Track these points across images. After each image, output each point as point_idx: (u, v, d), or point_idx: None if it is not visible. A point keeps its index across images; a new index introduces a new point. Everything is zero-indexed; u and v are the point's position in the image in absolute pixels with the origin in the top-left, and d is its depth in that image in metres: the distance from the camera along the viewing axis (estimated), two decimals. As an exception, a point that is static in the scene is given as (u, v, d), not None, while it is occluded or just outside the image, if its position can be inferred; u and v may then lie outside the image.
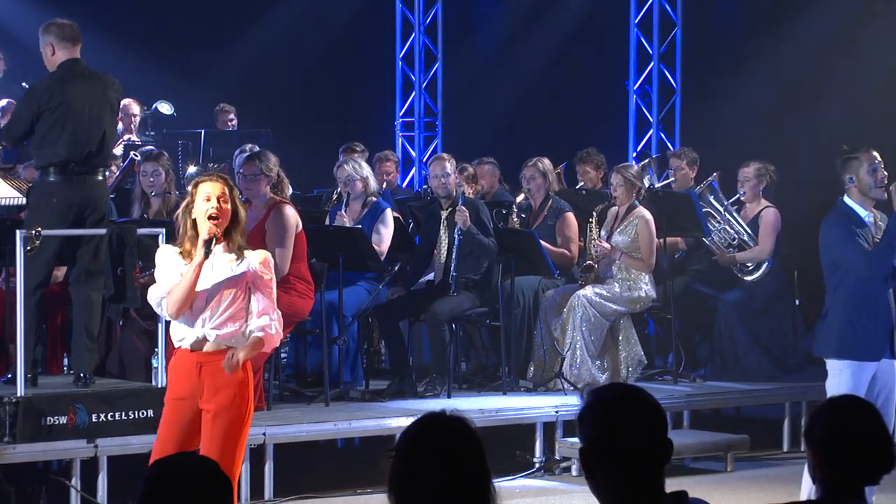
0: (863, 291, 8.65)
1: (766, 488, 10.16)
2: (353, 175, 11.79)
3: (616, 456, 4.01)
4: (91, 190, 9.72)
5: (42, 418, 9.28)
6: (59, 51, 9.73)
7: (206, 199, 7.26)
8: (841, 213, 8.66)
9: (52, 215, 9.54)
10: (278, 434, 10.13)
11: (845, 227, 8.57)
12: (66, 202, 9.59)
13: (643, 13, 15.39)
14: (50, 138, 9.59)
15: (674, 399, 11.62)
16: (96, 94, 9.72)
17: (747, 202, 12.77)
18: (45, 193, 9.65)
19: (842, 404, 4.69)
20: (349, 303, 11.46)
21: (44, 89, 9.75)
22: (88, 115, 9.64)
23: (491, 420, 10.82)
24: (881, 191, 8.58)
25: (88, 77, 9.76)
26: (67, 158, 9.58)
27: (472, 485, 3.93)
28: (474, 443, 3.98)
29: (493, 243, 11.59)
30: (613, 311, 11.87)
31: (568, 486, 10.58)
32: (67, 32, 9.77)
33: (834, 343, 8.67)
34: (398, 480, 3.94)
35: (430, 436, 3.99)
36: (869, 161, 8.57)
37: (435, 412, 4.05)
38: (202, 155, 15.38)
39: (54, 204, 9.57)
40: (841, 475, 4.42)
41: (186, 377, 7.30)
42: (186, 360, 7.33)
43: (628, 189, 12.02)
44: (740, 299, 12.59)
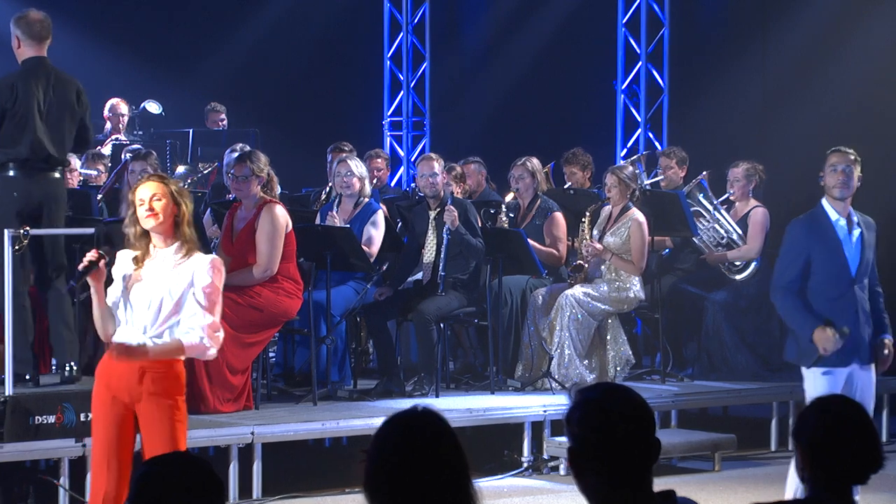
0: (830, 295, 8.62)
1: (753, 488, 10.17)
2: (353, 173, 11.77)
3: (604, 455, 4.01)
4: (50, 186, 9.69)
5: (30, 417, 9.27)
6: (25, 47, 9.69)
7: (140, 204, 7.16)
8: (810, 214, 8.68)
9: (14, 210, 9.50)
10: (266, 433, 10.12)
11: (793, 234, 8.65)
12: (26, 197, 9.56)
13: (631, 13, 15.41)
14: (12, 136, 9.57)
15: (661, 398, 11.63)
16: (59, 95, 9.67)
17: (736, 201, 12.79)
18: (6, 188, 9.62)
19: (830, 404, 4.70)
20: (337, 302, 11.47)
21: (8, 87, 9.71)
22: (48, 116, 9.61)
23: (479, 419, 10.83)
24: (839, 191, 8.56)
25: (52, 78, 9.71)
26: (28, 157, 9.57)
27: (449, 480, 3.92)
28: (448, 437, 3.97)
29: (481, 244, 11.61)
30: (601, 311, 11.88)
31: (556, 486, 10.59)
32: (35, 29, 9.70)
33: (801, 350, 8.59)
34: (372, 480, 3.93)
35: (402, 433, 3.98)
36: (832, 162, 8.57)
37: (406, 409, 4.04)
38: (190, 154, 15.39)
39: (15, 198, 9.54)
40: (829, 475, 4.42)
41: (125, 379, 7.14)
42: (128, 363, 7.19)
43: (622, 190, 12.02)
44: (728, 299, 12.61)
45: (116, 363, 7.16)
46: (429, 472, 3.90)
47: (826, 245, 8.55)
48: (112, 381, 7.19)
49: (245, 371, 10.57)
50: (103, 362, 7.27)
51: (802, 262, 8.63)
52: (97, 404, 7.29)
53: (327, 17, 18.12)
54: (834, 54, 13.78)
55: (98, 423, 7.30)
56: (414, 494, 3.88)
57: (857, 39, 13.65)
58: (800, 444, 4.52)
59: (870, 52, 13.57)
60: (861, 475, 4.46)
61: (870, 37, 13.58)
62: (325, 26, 18.15)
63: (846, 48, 13.71)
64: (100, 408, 7.27)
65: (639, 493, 4.02)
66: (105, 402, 7.24)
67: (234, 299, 10.29)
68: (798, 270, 8.66)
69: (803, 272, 8.63)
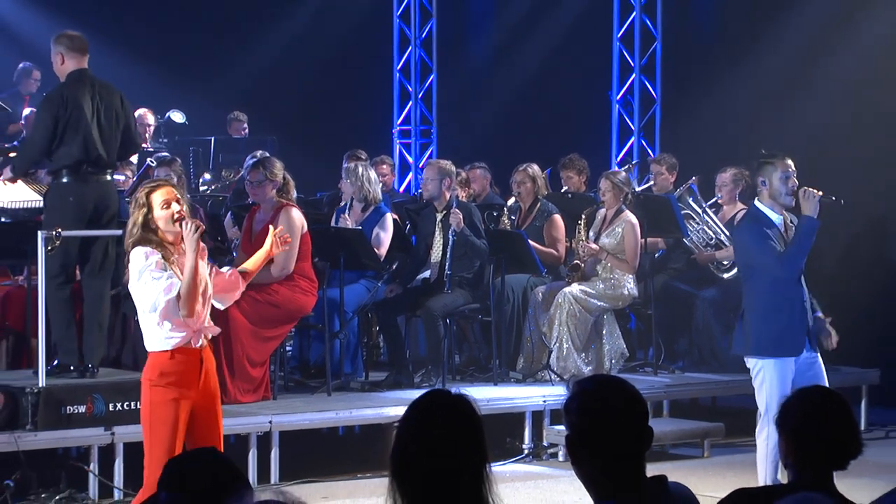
0: (776, 291, 8.58)
1: (740, 473, 10.15)
2: (359, 180, 11.78)
3: (600, 443, 4.01)
4: (102, 188, 9.73)
5: (62, 407, 9.29)
6: (69, 60, 9.74)
7: (166, 205, 7.04)
8: (752, 217, 8.64)
9: (70, 214, 9.53)
10: (283, 422, 10.12)
11: (757, 230, 8.52)
12: (81, 201, 9.59)
13: (625, 27, 15.39)
14: (63, 142, 9.59)
15: (654, 389, 11.62)
16: (104, 101, 9.72)
17: (724, 205, 12.78)
18: (61, 194, 9.65)
19: (812, 394, 4.69)
20: (350, 299, 11.47)
21: (58, 96, 9.75)
22: (97, 120, 9.64)
23: (483, 409, 10.70)
24: (791, 198, 8.55)
25: (96, 86, 9.76)
26: (79, 160, 9.58)
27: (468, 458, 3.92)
28: (475, 420, 3.98)
29: (485, 244, 11.61)
30: (598, 308, 11.87)
31: (555, 472, 10.58)
32: (76, 43, 9.78)
33: (751, 342, 8.60)
34: (398, 451, 3.93)
35: (432, 408, 3.99)
36: (783, 168, 8.52)
37: (441, 389, 4.05)
38: (212, 161, 15.38)
39: (71, 203, 9.57)
40: (811, 461, 4.42)
41: (194, 374, 7.09)
42: (193, 357, 7.10)
43: (616, 194, 12.03)
44: (717, 296, 12.59)
45: (199, 362, 7.10)
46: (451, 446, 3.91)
47: (776, 242, 8.54)
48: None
49: (263, 364, 10.58)
50: (186, 362, 7.09)
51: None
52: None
53: (341, 32, 18.12)
54: (818, 68, 13.76)
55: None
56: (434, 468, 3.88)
57: (841, 53, 13.62)
58: (783, 432, 4.51)
59: (853, 64, 13.54)
60: (841, 461, 4.45)
61: (852, 47, 13.55)
62: (340, 41, 18.15)
63: (830, 61, 13.69)
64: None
65: (633, 478, 4.02)
66: (188, 405, 7.14)
67: (252, 296, 10.29)
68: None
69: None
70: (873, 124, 13.19)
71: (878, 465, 8.60)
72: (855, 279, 12.33)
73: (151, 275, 6.96)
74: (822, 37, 13.80)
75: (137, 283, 7.01)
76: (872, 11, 13.46)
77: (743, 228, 8.68)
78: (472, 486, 3.90)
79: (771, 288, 8.52)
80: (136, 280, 7.00)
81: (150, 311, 7.00)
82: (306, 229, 10.59)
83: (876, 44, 13.43)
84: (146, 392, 7.12)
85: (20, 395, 9.25)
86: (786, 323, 8.53)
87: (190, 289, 6.96)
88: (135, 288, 7.04)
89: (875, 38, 13.42)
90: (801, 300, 8.57)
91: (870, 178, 13.05)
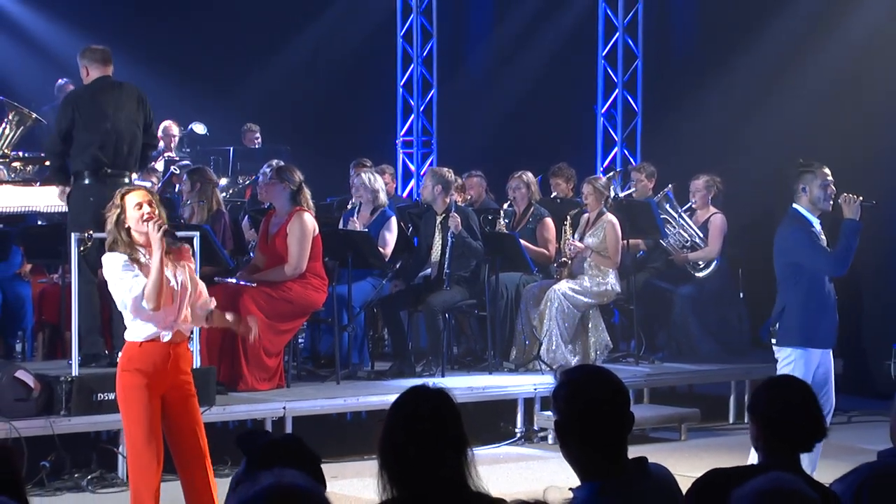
0: (819, 288, 8.59)
1: (714, 454, 10.16)
2: (367, 186, 11.79)
3: (585, 427, 4.01)
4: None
5: (93, 395, 9.27)
6: (93, 72, 9.69)
7: (138, 207, 6.89)
8: (797, 219, 8.53)
9: (90, 214, 9.42)
10: (296, 408, 10.11)
11: (806, 232, 8.46)
12: (101, 202, 9.51)
13: (609, 47, 15.38)
14: (83, 144, 9.53)
15: (635, 378, 11.61)
16: (125, 103, 9.65)
17: (698, 209, 12.78)
18: (82, 196, 9.58)
19: (780, 382, 4.70)
20: (357, 296, 11.46)
21: (76, 97, 9.70)
22: (116, 121, 9.57)
23: (478, 396, 10.82)
24: (829, 203, 8.53)
25: (116, 88, 9.69)
26: (99, 161, 9.51)
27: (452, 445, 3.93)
28: (453, 409, 3.98)
29: (481, 246, 11.62)
30: (584, 303, 11.87)
31: (544, 453, 10.57)
32: (99, 56, 9.73)
33: (796, 334, 8.52)
34: (387, 440, 3.93)
35: (416, 401, 3.99)
36: (822, 177, 8.49)
37: (420, 384, 4.05)
38: (230, 168, 15.38)
39: (91, 203, 9.45)
40: (780, 443, 4.42)
41: (163, 366, 6.89)
42: (162, 350, 6.89)
43: (598, 197, 12.04)
44: (693, 293, 12.60)
45: (167, 355, 6.93)
46: (434, 434, 3.91)
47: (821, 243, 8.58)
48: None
49: (278, 354, 10.57)
50: (162, 352, 6.94)
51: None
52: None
53: (349, 50, 18.12)
54: (787, 82, 13.75)
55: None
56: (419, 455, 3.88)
57: (808, 68, 13.62)
58: (754, 417, 4.51)
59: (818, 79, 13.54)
60: (807, 444, 4.45)
61: (818, 65, 13.55)
62: (348, 59, 18.15)
63: (798, 76, 13.68)
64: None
65: (616, 459, 4.02)
66: (157, 394, 7.00)
67: (268, 293, 10.30)
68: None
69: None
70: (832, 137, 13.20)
71: (841, 447, 8.59)
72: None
73: (119, 275, 6.84)
74: (788, 57, 13.80)
75: (111, 285, 6.92)
76: (836, 31, 13.45)
77: (790, 230, 8.57)
78: (454, 470, 3.90)
79: (814, 285, 8.50)
80: (110, 282, 6.91)
81: (122, 307, 6.92)
82: (317, 232, 10.58)
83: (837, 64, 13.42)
84: (119, 378, 6.99)
85: (55, 383, 9.24)
86: (825, 318, 8.55)
87: (155, 284, 6.76)
88: (111, 288, 6.95)
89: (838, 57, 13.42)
90: (833, 297, 8.59)
91: (835, 184, 13.02)
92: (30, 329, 11.59)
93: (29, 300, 11.44)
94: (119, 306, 6.98)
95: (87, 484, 9.14)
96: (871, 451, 4.80)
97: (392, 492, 3.89)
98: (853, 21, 13.30)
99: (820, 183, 8.48)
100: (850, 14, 13.34)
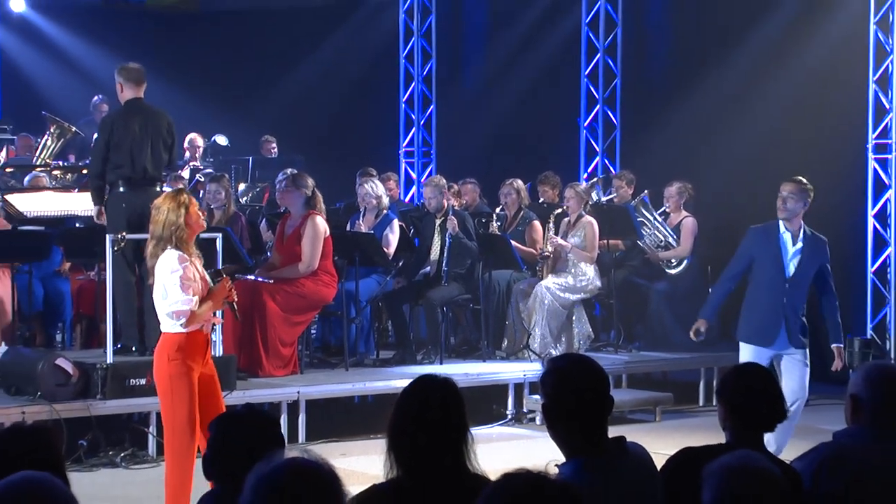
0: (755, 290, 8.61)
1: (686, 434, 10.16)
2: (371, 193, 11.80)
3: (570, 410, 4.01)
4: (151, 198, 9.62)
5: (126, 380, 9.29)
6: (127, 90, 9.68)
7: (201, 215, 7.09)
8: (765, 225, 8.62)
9: (123, 219, 9.49)
10: (309, 392, 10.13)
11: (745, 239, 8.62)
12: (133, 208, 9.54)
13: (591, 67, 15.37)
14: (118, 159, 9.56)
15: (615, 365, 11.63)
16: (153, 125, 9.67)
17: (671, 212, 12.78)
18: (117, 203, 9.61)
19: (745, 370, 4.70)
20: (363, 291, 11.46)
21: (112, 121, 9.72)
22: (143, 141, 9.59)
23: (473, 381, 10.82)
24: (781, 213, 8.51)
25: (147, 112, 9.70)
26: (132, 174, 9.54)
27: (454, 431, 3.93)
28: (460, 399, 3.98)
29: (475, 246, 11.63)
30: (570, 301, 11.87)
31: (533, 433, 10.58)
32: (133, 76, 9.72)
33: (738, 328, 8.68)
34: (396, 426, 3.93)
35: (424, 389, 3.99)
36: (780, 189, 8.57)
37: (429, 374, 4.05)
38: (249, 176, 15.37)
39: (124, 209, 9.51)
40: (745, 424, 4.42)
41: (202, 353, 6.98)
42: (201, 339, 6.98)
43: (579, 201, 12.05)
44: (667, 288, 12.60)
45: (205, 343, 7.04)
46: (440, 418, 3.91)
47: (768, 252, 8.50)
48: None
49: (293, 344, 10.58)
50: (199, 343, 6.99)
51: (745, 262, 8.62)
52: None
53: (357, 70, 18.11)
54: (751, 98, 13.77)
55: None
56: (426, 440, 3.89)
57: (770, 86, 13.63)
58: (722, 401, 4.51)
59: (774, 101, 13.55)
60: (769, 424, 4.46)
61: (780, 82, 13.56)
62: (355, 77, 18.14)
63: (758, 96, 13.70)
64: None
65: (597, 438, 4.03)
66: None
67: (284, 289, 10.32)
68: (739, 268, 8.66)
69: (744, 270, 8.62)
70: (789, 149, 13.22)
71: (800, 427, 8.58)
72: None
73: (181, 282, 6.83)
74: (752, 78, 13.81)
75: (167, 277, 6.87)
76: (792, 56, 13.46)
77: (752, 231, 8.69)
78: (456, 454, 3.90)
79: (752, 286, 8.68)
80: (167, 274, 6.86)
81: (169, 305, 6.87)
82: (328, 233, 10.58)
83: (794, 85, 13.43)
84: (164, 367, 6.92)
85: (92, 370, 9.25)
86: (760, 317, 8.53)
87: (199, 319, 6.90)
88: (162, 279, 6.89)
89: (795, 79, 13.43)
90: (780, 301, 8.46)
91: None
92: (69, 321, 11.60)
93: (68, 295, 11.45)
94: (163, 297, 6.90)
95: (121, 460, 9.15)
96: (828, 431, 4.80)
97: (397, 471, 3.89)
98: (810, 46, 13.31)
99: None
100: (806, 40, 13.35)
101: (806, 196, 8.50)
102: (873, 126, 12.65)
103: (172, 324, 6.91)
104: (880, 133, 12.64)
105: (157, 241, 6.93)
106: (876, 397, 4.43)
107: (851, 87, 12.86)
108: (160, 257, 6.91)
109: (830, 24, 13.15)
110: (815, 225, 8.70)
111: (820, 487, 4.31)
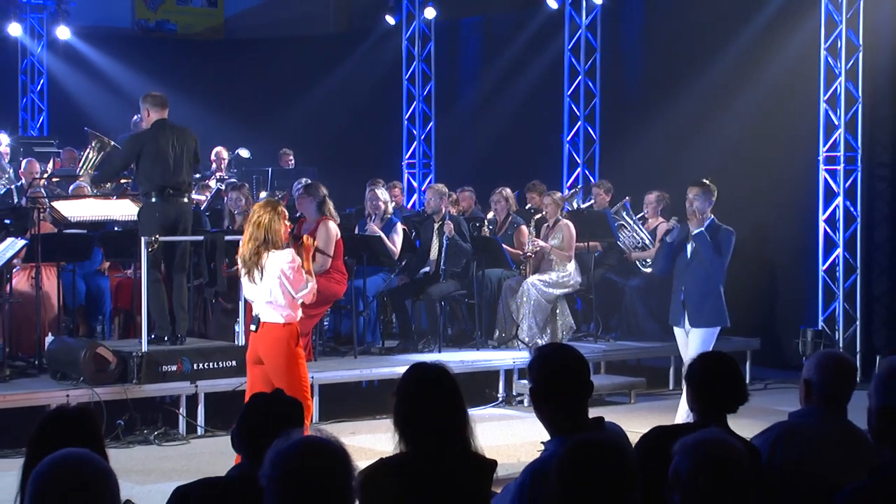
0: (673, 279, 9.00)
1: (658, 414, 10.17)
2: (378, 199, 11.81)
3: (554, 393, 4.01)
4: (180, 207, 9.65)
5: (159, 367, 9.30)
6: (153, 114, 9.65)
7: (287, 222, 7.41)
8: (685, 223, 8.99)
9: (156, 225, 9.49)
10: (322, 377, 10.13)
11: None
12: (164, 216, 9.54)
13: (573, 88, 15.39)
14: (149, 172, 9.54)
15: (594, 353, 11.63)
16: (180, 141, 9.65)
17: (649, 218, 12.77)
18: (151, 210, 9.60)
19: (711, 357, 4.70)
20: (370, 287, 11.48)
21: (141, 137, 9.70)
22: (174, 155, 9.58)
23: (468, 368, 10.83)
24: (688, 213, 8.89)
25: (174, 129, 9.69)
26: (163, 185, 9.53)
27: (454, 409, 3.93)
28: (453, 381, 3.98)
29: (470, 247, 11.64)
30: (553, 296, 11.87)
31: (521, 414, 10.58)
32: (158, 101, 9.69)
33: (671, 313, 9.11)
34: (400, 409, 3.93)
35: (421, 375, 3.99)
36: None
37: (423, 361, 4.05)
38: (269, 186, 15.36)
39: (157, 217, 9.52)
40: (710, 406, 4.42)
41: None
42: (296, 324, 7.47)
43: (555, 208, 12.09)
44: (640, 284, 12.58)
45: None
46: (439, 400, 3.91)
47: (681, 245, 8.90)
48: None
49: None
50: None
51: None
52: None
53: (365, 90, 18.13)
54: (714, 120, 13.76)
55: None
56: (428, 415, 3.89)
57: (731, 109, 13.62)
58: (689, 385, 4.51)
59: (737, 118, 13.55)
60: (732, 406, 4.46)
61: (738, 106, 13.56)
62: (364, 96, 18.16)
63: (723, 115, 13.69)
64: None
65: (579, 419, 4.02)
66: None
67: (300, 285, 10.29)
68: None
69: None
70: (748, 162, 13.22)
71: (759, 409, 8.60)
72: (743, 272, 12.33)
73: (304, 276, 7.33)
74: (719, 96, 13.80)
75: (288, 270, 7.23)
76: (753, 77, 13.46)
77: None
78: (460, 434, 3.90)
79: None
80: (288, 267, 7.23)
81: (288, 289, 7.27)
82: (339, 236, 10.58)
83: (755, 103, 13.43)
84: (290, 350, 7.30)
85: (128, 357, 9.26)
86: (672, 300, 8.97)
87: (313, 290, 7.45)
88: (283, 272, 7.24)
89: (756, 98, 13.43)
90: (679, 284, 8.90)
91: (755, 197, 13.07)
92: (108, 314, 11.58)
93: (107, 291, 11.44)
94: (295, 291, 7.30)
95: (154, 438, 9.15)
96: (783, 412, 4.81)
97: (403, 446, 3.90)
98: (768, 69, 13.31)
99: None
100: (765, 64, 13.35)
101: (710, 195, 8.82)
102: (824, 140, 12.66)
103: (294, 314, 7.33)
104: (830, 147, 12.65)
105: (261, 243, 7.23)
106: (825, 381, 4.45)
107: (805, 106, 12.88)
108: (271, 256, 7.23)
109: (787, 48, 13.15)
110: (771, 227, 8.76)
111: (776, 459, 4.33)
